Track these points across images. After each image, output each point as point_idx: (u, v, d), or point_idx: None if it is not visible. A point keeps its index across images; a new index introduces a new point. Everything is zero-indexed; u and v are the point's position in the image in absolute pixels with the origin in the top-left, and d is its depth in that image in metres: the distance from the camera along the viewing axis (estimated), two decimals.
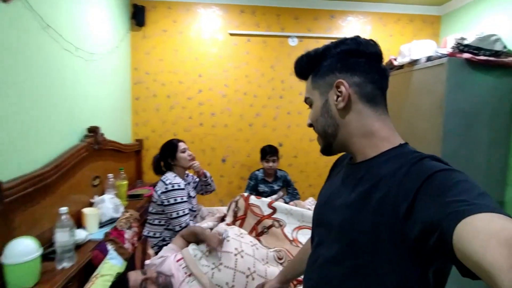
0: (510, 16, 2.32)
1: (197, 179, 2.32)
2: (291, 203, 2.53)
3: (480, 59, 2.16)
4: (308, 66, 0.72)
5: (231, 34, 2.97)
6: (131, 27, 2.88)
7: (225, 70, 3.01)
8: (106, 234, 1.70)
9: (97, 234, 1.73)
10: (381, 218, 0.55)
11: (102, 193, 2.09)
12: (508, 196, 2.32)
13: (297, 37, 3.02)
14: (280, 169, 2.77)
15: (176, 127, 3.03)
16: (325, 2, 2.99)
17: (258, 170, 2.77)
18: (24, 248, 1.18)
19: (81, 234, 1.60)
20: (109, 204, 1.94)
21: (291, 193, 2.75)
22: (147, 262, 1.58)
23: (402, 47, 2.85)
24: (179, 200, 1.95)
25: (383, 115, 0.66)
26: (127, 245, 1.78)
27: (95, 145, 2.00)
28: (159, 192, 1.98)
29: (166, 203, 1.94)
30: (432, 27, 3.12)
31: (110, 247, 1.60)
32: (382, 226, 0.54)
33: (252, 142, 3.09)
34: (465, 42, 2.27)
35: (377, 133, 0.65)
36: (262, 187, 2.70)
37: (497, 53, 2.22)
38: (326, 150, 0.73)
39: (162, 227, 2.01)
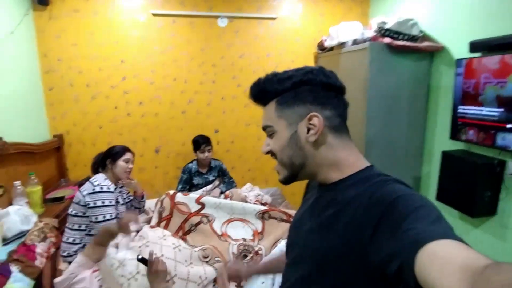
0: (425, 1, 2.39)
1: (131, 197, 2.21)
2: (228, 192, 2.51)
3: (398, 45, 2.22)
4: (271, 93, 0.69)
5: (154, 15, 2.72)
6: (32, 6, 2.50)
7: (151, 55, 2.78)
8: (10, 253, 1.54)
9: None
10: (347, 241, 0.58)
11: (8, 205, 1.87)
12: (423, 172, 2.52)
13: (227, 17, 2.86)
14: (214, 159, 2.71)
15: (101, 119, 2.79)
16: None
17: (191, 162, 2.68)
18: None
19: None
20: (15, 217, 1.74)
21: (227, 182, 2.72)
22: (57, 280, 1.47)
23: (331, 29, 2.84)
24: (107, 203, 1.83)
25: (348, 143, 0.69)
26: (39, 260, 1.64)
27: None
28: (84, 192, 1.83)
29: (91, 205, 1.80)
30: (362, 7, 3.13)
31: (14, 268, 1.45)
32: (349, 249, 0.57)
33: (187, 130, 2.96)
34: (386, 26, 2.32)
35: (343, 161, 0.67)
36: (197, 179, 2.64)
37: (414, 38, 2.30)
38: (289, 180, 0.71)
39: (83, 233, 1.88)
